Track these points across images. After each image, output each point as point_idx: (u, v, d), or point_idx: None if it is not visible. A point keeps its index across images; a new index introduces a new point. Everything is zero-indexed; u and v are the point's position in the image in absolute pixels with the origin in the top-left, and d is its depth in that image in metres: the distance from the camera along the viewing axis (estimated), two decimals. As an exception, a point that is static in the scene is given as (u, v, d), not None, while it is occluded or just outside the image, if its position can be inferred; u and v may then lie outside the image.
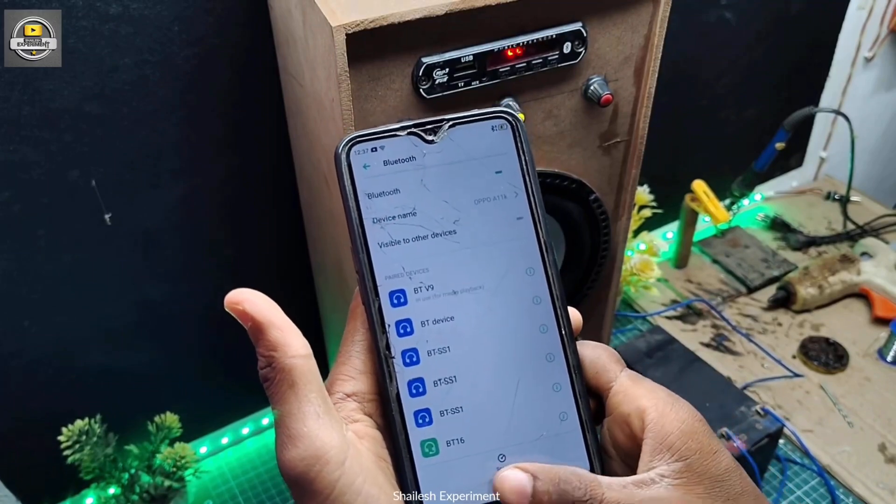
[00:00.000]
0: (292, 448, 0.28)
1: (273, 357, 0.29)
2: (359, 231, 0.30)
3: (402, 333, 0.30)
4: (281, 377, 0.29)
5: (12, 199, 0.74)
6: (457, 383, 0.30)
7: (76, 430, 0.82)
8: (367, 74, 0.53)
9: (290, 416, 0.29)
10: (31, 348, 0.83)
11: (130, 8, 0.70)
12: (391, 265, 0.30)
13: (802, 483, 0.98)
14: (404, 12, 0.51)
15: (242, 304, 0.29)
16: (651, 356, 0.99)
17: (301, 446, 0.28)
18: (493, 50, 0.55)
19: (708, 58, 1.16)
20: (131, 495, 0.87)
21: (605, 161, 0.68)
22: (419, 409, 0.30)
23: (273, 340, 0.29)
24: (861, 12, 1.31)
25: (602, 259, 0.73)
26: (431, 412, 0.30)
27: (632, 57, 0.62)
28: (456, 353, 0.30)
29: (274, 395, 0.29)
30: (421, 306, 0.30)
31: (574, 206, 0.67)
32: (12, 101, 0.69)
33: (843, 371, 1.11)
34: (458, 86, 0.56)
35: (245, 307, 0.29)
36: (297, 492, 0.28)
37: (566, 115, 0.62)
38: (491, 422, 0.30)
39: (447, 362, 0.30)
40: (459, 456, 0.30)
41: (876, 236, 1.34)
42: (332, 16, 0.50)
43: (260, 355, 0.29)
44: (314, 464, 0.28)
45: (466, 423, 0.30)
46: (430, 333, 0.30)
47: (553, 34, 0.57)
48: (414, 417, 0.30)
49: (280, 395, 0.29)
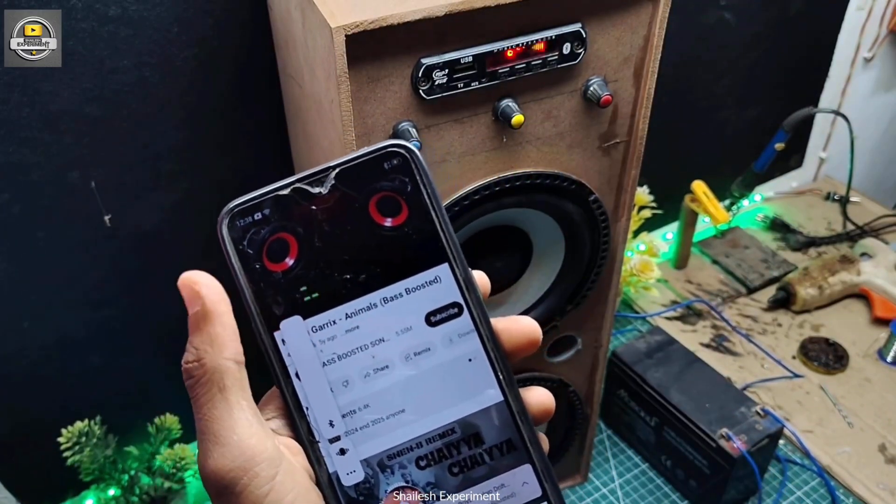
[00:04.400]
0: (219, 457, 0.26)
1: (206, 353, 0.26)
2: (256, 310, 0.28)
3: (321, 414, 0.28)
4: (210, 378, 0.26)
5: (12, 201, 0.74)
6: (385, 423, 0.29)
7: (76, 432, 0.82)
8: (366, 75, 0.53)
9: (218, 422, 0.26)
10: (31, 349, 0.83)
11: (130, 9, 0.70)
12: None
13: (802, 484, 0.98)
14: (404, 13, 0.51)
15: (199, 286, 0.27)
16: (651, 357, 0.99)
17: (230, 455, 0.26)
18: (493, 51, 0.55)
19: (707, 58, 1.16)
20: (131, 497, 0.87)
21: (605, 162, 0.68)
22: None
23: (213, 335, 0.27)
24: (860, 13, 1.31)
25: (602, 260, 0.73)
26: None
27: (631, 58, 0.62)
28: (381, 407, 0.29)
29: (200, 396, 0.27)
30: (334, 370, 0.28)
31: (573, 206, 0.67)
32: (12, 102, 0.69)
33: (842, 371, 1.11)
34: (457, 86, 0.56)
35: (201, 290, 0.27)
36: (220, 501, 0.26)
37: (566, 115, 0.63)
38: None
39: (371, 414, 0.29)
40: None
41: (876, 237, 1.34)
42: (332, 17, 0.50)
43: (192, 347, 0.27)
44: (242, 476, 0.26)
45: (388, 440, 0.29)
46: (350, 395, 0.28)
47: (552, 35, 0.57)
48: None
49: (207, 397, 0.26)
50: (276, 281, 0.28)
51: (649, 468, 1.01)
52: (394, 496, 0.28)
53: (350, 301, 0.28)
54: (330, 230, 0.28)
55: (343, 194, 0.28)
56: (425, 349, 0.29)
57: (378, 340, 0.28)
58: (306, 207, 0.28)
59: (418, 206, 0.28)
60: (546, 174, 0.64)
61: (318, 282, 0.28)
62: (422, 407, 0.29)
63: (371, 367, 0.28)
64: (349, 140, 0.54)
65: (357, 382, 0.28)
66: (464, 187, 0.62)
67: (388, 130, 0.56)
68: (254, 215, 0.27)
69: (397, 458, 0.29)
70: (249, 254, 0.27)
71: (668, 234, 1.33)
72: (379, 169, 0.28)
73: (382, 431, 0.28)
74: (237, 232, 0.27)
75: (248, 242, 0.27)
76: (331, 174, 0.28)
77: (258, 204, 0.27)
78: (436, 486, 0.29)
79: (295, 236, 0.28)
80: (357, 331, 0.28)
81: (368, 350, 0.28)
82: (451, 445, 0.29)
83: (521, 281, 0.74)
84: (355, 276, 0.28)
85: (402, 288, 0.29)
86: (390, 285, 0.28)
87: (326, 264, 0.28)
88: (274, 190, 0.28)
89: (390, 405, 0.29)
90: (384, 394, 0.29)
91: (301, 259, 0.28)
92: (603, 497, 0.98)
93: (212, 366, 0.26)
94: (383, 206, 0.28)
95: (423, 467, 0.29)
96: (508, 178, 0.63)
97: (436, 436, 0.29)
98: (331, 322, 0.28)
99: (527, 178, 0.64)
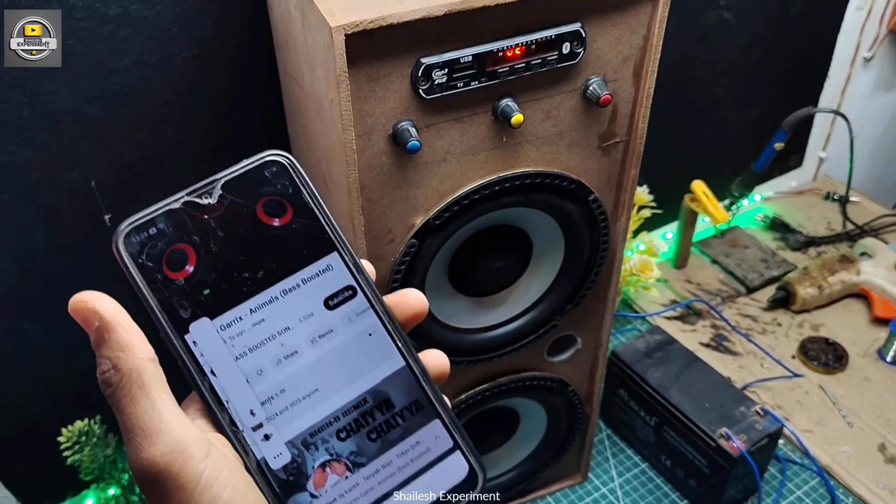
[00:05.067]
0: (150, 446, 0.26)
1: (119, 359, 0.27)
2: (164, 317, 0.29)
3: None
4: (128, 379, 0.27)
5: (13, 201, 0.74)
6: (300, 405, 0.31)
7: (76, 431, 0.82)
8: (366, 75, 0.53)
9: (144, 415, 0.27)
10: (31, 349, 0.83)
11: (130, 9, 0.70)
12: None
13: (802, 483, 0.98)
14: (403, 13, 0.51)
15: (91, 302, 0.28)
16: (650, 357, 0.99)
17: (160, 442, 0.26)
18: (493, 50, 0.55)
19: (707, 58, 1.16)
20: (131, 496, 0.87)
21: (605, 161, 0.68)
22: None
23: (121, 341, 0.28)
24: (860, 13, 1.31)
25: (601, 259, 0.73)
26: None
27: (631, 57, 0.62)
28: (296, 390, 0.31)
29: (121, 398, 0.27)
30: (247, 362, 0.30)
31: (573, 206, 0.67)
32: (12, 102, 0.69)
33: (842, 371, 1.11)
34: (457, 86, 0.56)
35: (94, 306, 0.28)
36: (156, 491, 0.27)
37: (565, 115, 0.63)
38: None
39: (288, 398, 0.31)
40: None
41: (875, 236, 1.34)
42: (331, 16, 0.50)
43: (104, 358, 0.28)
44: (177, 458, 0.26)
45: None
46: (266, 383, 0.30)
47: (552, 34, 0.57)
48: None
49: (129, 396, 0.27)
50: (179, 288, 0.29)
51: (649, 468, 1.01)
52: (321, 470, 0.30)
53: (252, 297, 0.30)
54: (224, 235, 0.30)
55: (231, 202, 0.30)
56: (328, 331, 0.31)
57: (284, 329, 0.31)
58: (198, 217, 0.30)
59: (301, 205, 0.31)
60: (546, 174, 0.64)
61: (219, 283, 0.30)
62: (333, 383, 0.31)
63: (281, 354, 0.30)
64: (349, 139, 0.54)
65: (270, 370, 0.30)
66: (464, 187, 0.62)
67: (387, 129, 0.56)
68: (149, 230, 0.29)
69: (318, 434, 0.31)
70: (149, 266, 0.29)
71: (667, 233, 1.33)
72: (261, 176, 0.31)
73: (301, 412, 0.30)
74: (134, 247, 0.29)
75: (146, 256, 0.29)
76: (217, 185, 0.30)
77: (152, 220, 0.29)
78: (358, 454, 0.31)
79: (191, 245, 0.29)
80: (263, 323, 0.30)
81: (276, 339, 0.30)
82: (366, 414, 0.31)
83: (521, 280, 0.75)
84: (254, 274, 0.30)
85: (299, 279, 0.31)
86: (287, 278, 0.31)
87: (225, 266, 0.30)
88: (165, 205, 0.29)
89: (304, 386, 0.31)
90: (297, 377, 0.31)
91: (200, 265, 0.29)
92: (603, 497, 0.98)
93: (127, 368, 0.27)
94: (269, 208, 0.31)
95: (344, 439, 0.31)
96: (508, 178, 0.63)
97: (350, 407, 0.31)
98: (237, 319, 0.30)
99: (526, 178, 0.64)
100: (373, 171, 0.58)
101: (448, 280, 0.71)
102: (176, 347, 0.29)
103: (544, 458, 0.92)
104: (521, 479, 0.92)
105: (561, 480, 0.98)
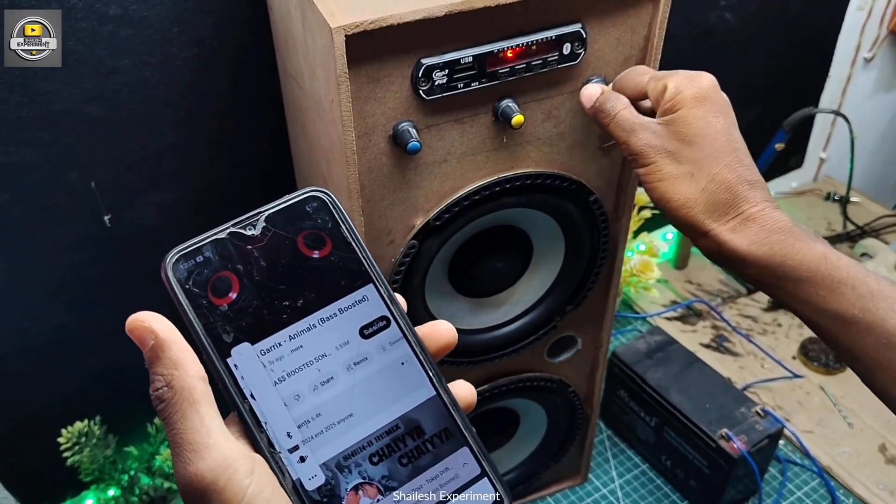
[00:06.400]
0: (198, 460, 0.28)
1: (173, 376, 0.29)
2: (208, 341, 0.30)
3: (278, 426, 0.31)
4: (180, 396, 0.29)
5: (12, 201, 0.74)
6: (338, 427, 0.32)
7: (76, 432, 0.82)
8: (366, 76, 0.53)
9: (193, 431, 0.28)
10: (31, 349, 0.83)
11: (130, 9, 0.70)
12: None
13: (803, 484, 0.98)
14: (404, 13, 0.51)
15: (147, 322, 0.30)
16: (651, 357, 0.99)
17: (208, 457, 0.28)
18: (493, 51, 0.55)
19: (707, 58, 1.16)
20: (131, 497, 0.87)
21: (605, 162, 0.68)
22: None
23: (174, 359, 0.29)
24: (860, 13, 1.31)
25: (602, 260, 0.73)
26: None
27: (631, 58, 0.62)
28: (331, 414, 0.32)
29: (172, 414, 0.29)
30: (285, 386, 0.31)
31: (573, 206, 0.67)
32: (12, 102, 0.69)
33: (843, 372, 1.11)
34: (457, 87, 0.56)
35: (150, 325, 0.29)
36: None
37: (566, 116, 0.63)
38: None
39: (324, 422, 0.32)
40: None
41: (876, 237, 1.34)
42: (332, 17, 0.50)
43: (157, 374, 0.29)
44: (223, 472, 0.28)
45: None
46: (302, 407, 0.31)
47: (553, 35, 0.57)
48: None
49: (180, 412, 0.28)
50: (223, 313, 0.31)
51: (649, 468, 1.01)
52: (354, 493, 0.31)
53: (292, 324, 0.32)
54: (266, 265, 0.32)
55: (274, 234, 0.32)
56: (363, 359, 0.33)
57: (321, 356, 0.32)
58: (242, 247, 0.32)
59: (340, 239, 0.33)
60: (546, 174, 0.64)
61: (260, 310, 0.31)
62: (367, 409, 0.32)
63: (318, 379, 0.32)
64: (349, 140, 0.54)
65: (307, 395, 0.31)
66: (464, 187, 0.62)
67: (388, 130, 0.56)
68: (196, 258, 0.31)
69: (352, 457, 0.32)
70: (195, 292, 0.31)
71: (668, 234, 1.33)
72: (302, 210, 0.33)
73: (336, 436, 0.32)
74: (182, 274, 0.31)
75: (192, 283, 0.31)
76: (261, 218, 0.32)
77: (199, 248, 0.31)
78: (390, 478, 0.32)
79: (235, 273, 0.31)
80: (301, 350, 0.32)
81: (314, 365, 0.32)
82: (398, 440, 0.32)
83: (522, 281, 0.74)
84: (294, 302, 0.32)
85: (336, 308, 0.33)
86: (325, 307, 0.32)
87: (266, 294, 0.31)
88: (212, 234, 0.31)
89: (339, 411, 0.32)
90: (332, 402, 0.32)
91: (243, 292, 0.31)
92: (603, 497, 0.98)
93: (180, 385, 0.29)
94: (310, 241, 0.33)
95: (377, 463, 0.32)
96: (509, 179, 0.63)
97: (383, 433, 0.32)
98: (277, 344, 0.31)
99: (527, 179, 0.64)
100: (373, 172, 0.58)
101: (448, 281, 0.71)
102: (218, 370, 0.30)
103: (544, 458, 0.92)
104: (522, 480, 0.92)
105: (561, 481, 0.98)
